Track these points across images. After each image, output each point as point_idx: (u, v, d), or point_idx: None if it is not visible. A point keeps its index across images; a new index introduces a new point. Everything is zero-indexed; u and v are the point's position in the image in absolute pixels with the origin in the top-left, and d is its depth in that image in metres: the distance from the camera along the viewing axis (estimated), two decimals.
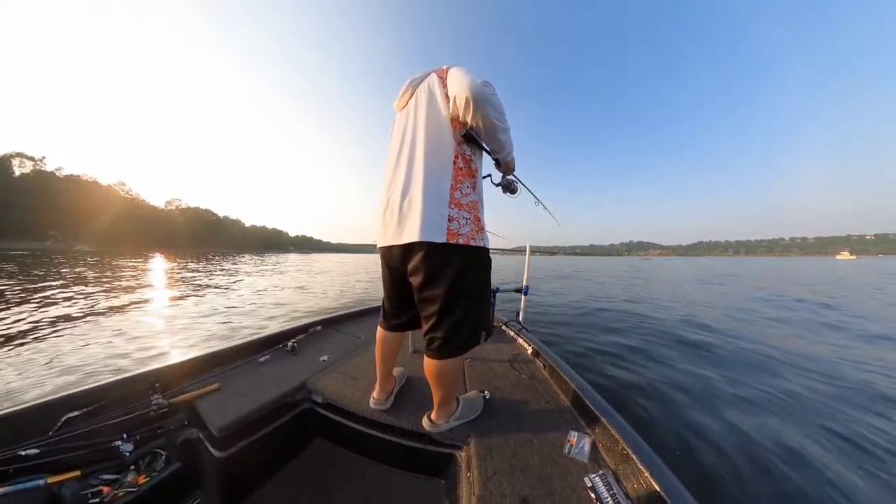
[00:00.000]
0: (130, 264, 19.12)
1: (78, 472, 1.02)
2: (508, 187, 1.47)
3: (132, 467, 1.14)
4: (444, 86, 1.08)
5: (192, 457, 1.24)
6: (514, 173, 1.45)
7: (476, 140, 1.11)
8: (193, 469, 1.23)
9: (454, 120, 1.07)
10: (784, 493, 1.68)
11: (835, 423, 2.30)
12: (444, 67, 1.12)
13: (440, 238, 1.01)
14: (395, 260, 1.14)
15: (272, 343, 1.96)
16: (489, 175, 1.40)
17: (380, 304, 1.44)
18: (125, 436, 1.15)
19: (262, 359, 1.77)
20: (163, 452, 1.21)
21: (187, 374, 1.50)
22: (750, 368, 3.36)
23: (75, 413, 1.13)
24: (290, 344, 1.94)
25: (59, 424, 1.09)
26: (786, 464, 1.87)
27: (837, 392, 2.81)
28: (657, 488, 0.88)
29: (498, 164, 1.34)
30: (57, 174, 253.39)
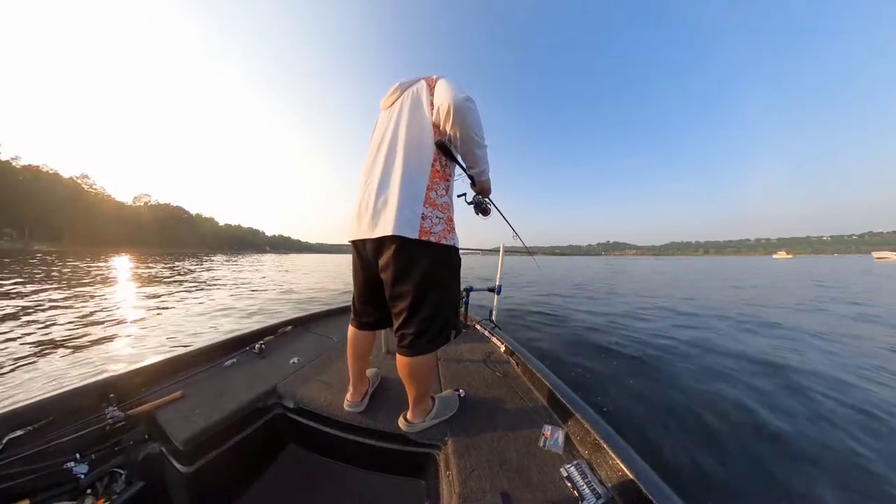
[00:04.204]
0: (91, 267, 17.73)
1: (26, 501, 0.93)
2: (480, 206, 1.47)
3: (88, 491, 1.03)
4: (431, 94, 1.14)
5: (155, 474, 1.15)
6: (490, 197, 1.48)
7: (450, 151, 1.15)
8: (158, 487, 1.14)
9: (436, 126, 1.12)
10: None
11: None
12: (434, 77, 1.18)
13: (413, 234, 1.03)
14: (368, 254, 1.16)
15: (238, 345, 1.86)
16: (464, 194, 1.42)
17: (350, 303, 1.41)
18: (78, 455, 1.05)
19: (227, 363, 1.68)
20: (122, 472, 1.10)
21: (145, 382, 1.39)
22: None
23: (19, 433, 1.02)
24: (257, 346, 1.86)
25: (1, 447, 0.98)
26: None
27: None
28: (629, 474, 0.92)
29: (473, 183, 1.35)
30: (13, 164, 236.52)
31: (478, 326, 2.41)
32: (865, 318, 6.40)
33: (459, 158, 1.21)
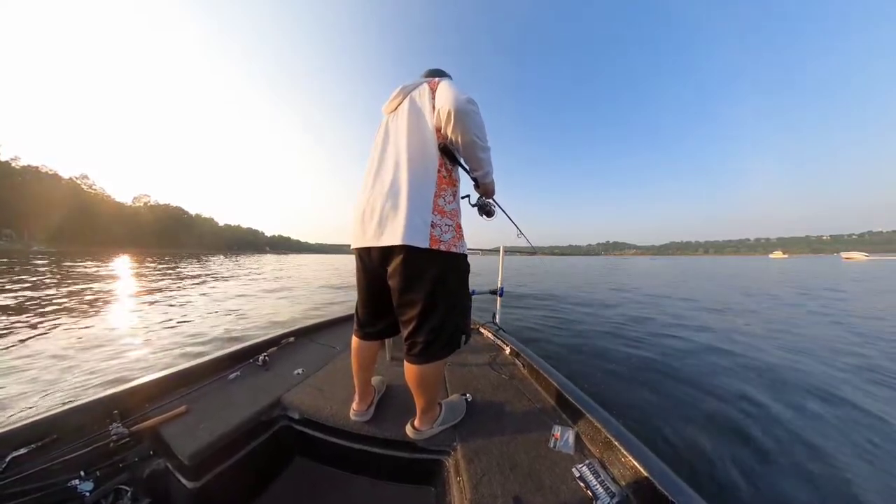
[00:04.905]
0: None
1: None
2: (484, 208, 1.47)
3: None
4: (434, 97, 1.12)
5: (161, 490, 1.14)
6: (494, 198, 1.47)
7: (453, 154, 1.15)
8: None
9: (438, 131, 1.10)
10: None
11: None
12: (436, 80, 1.17)
13: (423, 243, 1.02)
14: (374, 262, 1.13)
15: (242, 358, 1.84)
16: (467, 196, 1.40)
17: (353, 312, 1.38)
18: (83, 473, 1.03)
19: (231, 375, 1.67)
20: (128, 488, 1.08)
21: (149, 398, 1.38)
22: None
23: (22, 451, 1.01)
24: (261, 358, 1.84)
25: (4, 465, 0.97)
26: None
27: None
28: (642, 471, 0.91)
29: (476, 185, 1.36)
30: (12, 164, 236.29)
31: (482, 329, 2.42)
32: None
33: (462, 161, 1.20)
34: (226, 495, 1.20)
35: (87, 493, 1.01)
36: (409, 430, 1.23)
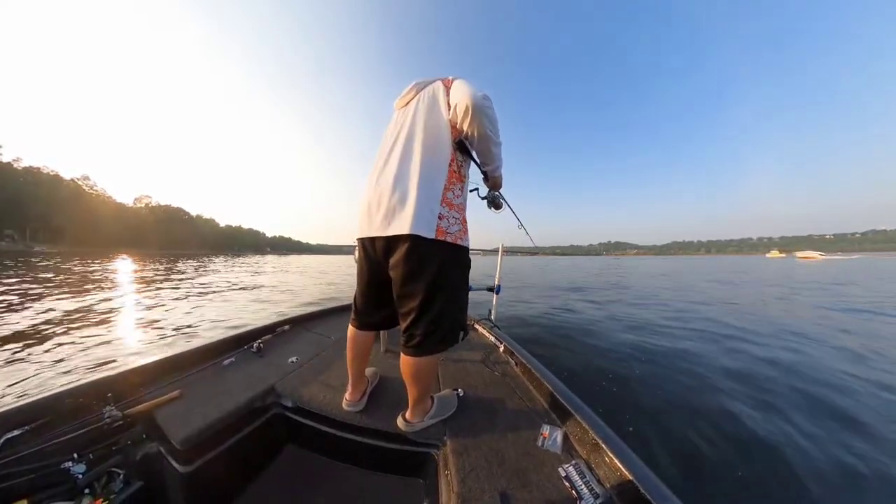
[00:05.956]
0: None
1: (24, 502, 0.92)
2: (493, 201, 1.54)
3: (87, 491, 1.01)
4: (447, 94, 1.15)
5: (154, 474, 1.14)
6: (501, 191, 1.55)
7: (467, 149, 1.18)
8: (157, 487, 1.13)
9: (453, 126, 1.13)
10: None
11: None
12: (450, 78, 1.20)
13: (429, 234, 1.03)
14: (378, 252, 1.14)
15: (237, 344, 1.85)
16: (476, 189, 1.46)
17: (350, 302, 1.40)
18: (76, 455, 1.04)
19: (225, 362, 1.68)
20: (120, 471, 1.08)
21: (143, 382, 1.38)
22: None
23: (16, 433, 1.01)
24: (255, 345, 1.85)
25: None
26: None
27: None
28: (627, 474, 0.92)
29: (486, 178, 1.39)
30: (14, 166, 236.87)
31: (477, 326, 2.40)
32: None
33: (475, 155, 1.24)
34: (217, 480, 1.20)
35: (80, 476, 1.02)
36: (400, 421, 1.24)
